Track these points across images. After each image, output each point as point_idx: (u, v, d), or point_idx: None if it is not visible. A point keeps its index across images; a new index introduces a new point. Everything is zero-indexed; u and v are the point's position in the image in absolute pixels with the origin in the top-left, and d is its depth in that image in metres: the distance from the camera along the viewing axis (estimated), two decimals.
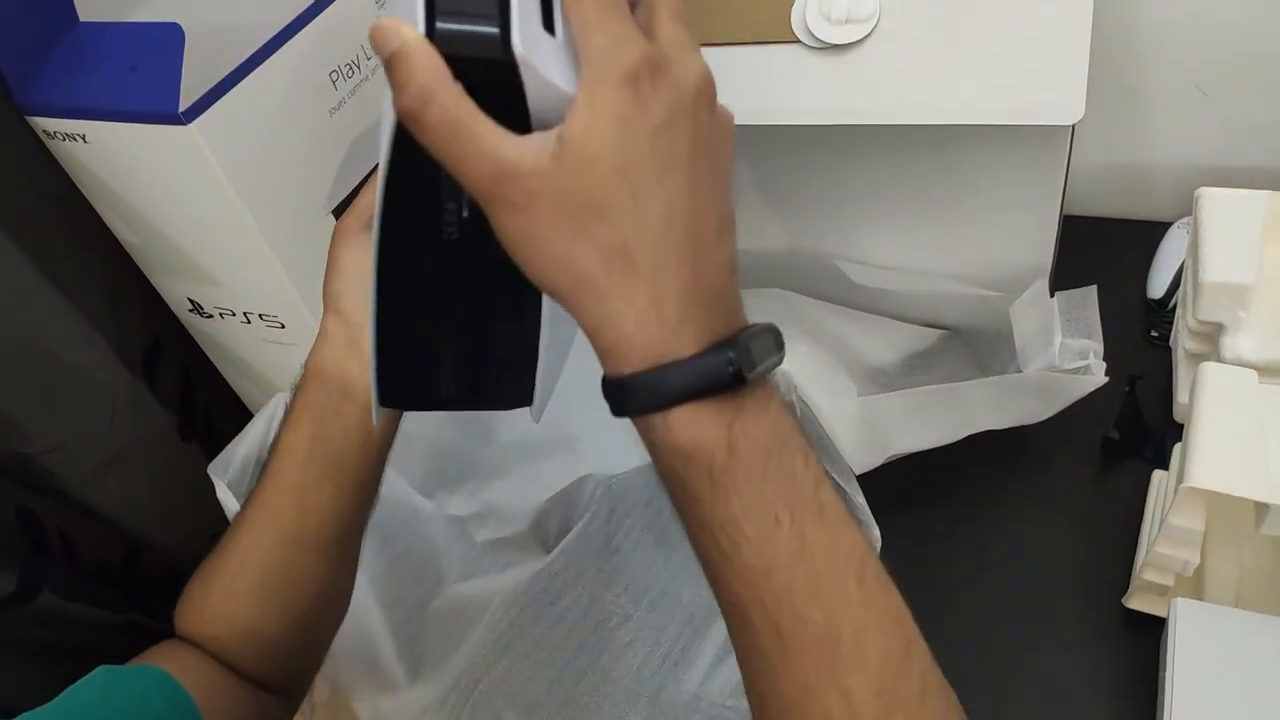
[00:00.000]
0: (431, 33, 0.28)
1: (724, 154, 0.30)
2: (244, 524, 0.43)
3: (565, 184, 0.28)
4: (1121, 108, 0.70)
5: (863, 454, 0.56)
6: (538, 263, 0.29)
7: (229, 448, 0.58)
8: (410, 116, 0.28)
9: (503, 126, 0.28)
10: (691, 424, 0.29)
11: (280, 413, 0.59)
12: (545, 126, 0.29)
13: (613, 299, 0.28)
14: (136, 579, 0.67)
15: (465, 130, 0.28)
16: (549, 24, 0.29)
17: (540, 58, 0.28)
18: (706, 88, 0.29)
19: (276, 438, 0.43)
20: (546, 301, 0.37)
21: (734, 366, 0.28)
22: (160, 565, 0.68)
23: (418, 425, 0.64)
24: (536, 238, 0.28)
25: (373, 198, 0.38)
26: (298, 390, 0.43)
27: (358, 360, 0.40)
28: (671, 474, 0.31)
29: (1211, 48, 0.66)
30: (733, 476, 0.29)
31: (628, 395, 0.29)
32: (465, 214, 0.35)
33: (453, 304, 0.38)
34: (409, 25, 0.27)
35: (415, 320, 0.37)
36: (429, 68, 0.27)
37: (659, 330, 0.29)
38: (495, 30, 0.28)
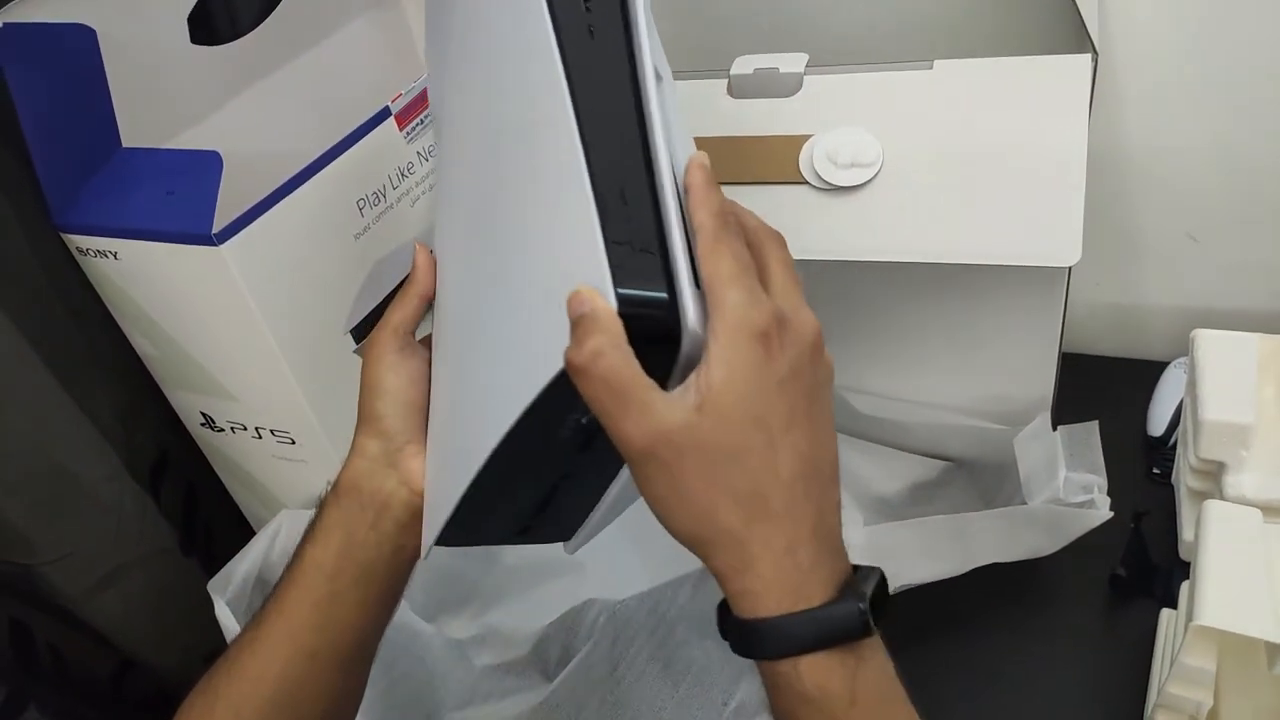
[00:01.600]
0: (630, 293, 0.30)
1: (830, 397, 0.33)
2: (256, 641, 0.42)
3: (708, 437, 0.29)
4: (1115, 252, 0.73)
5: None
6: (680, 514, 0.30)
7: (230, 565, 0.58)
8: (579, 369, 0.29)
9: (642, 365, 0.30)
10: (820, 671, 0.30)
11: (284, 530, 0.59)
12: (682, 366, 0.31)
13: (752, 545, 0.30)
14: (123, 698, 0.65)
15: (630, 392, 0.29)
16: (696, 277, 0.31)
17: (694, 315, 0.30)
18: (818, 339, 0.32)
19: (299, 554, 0.43)
20: (624, 472, 0.37)
21: (865, 616, 0.30)
22: (147, 685, 0.66)
23: None
24: (682, 491, 0.30)
25: (403, 315, 0.41)
26: (325, 506, 0.43)
27: (395, 476, 0.41)
28: (790, 716, 0.32)
29: (1200, 196, 0.69)
30: None
31: (762, 639, 0.31)
32: (584, 420, 0.35)
33: (542, 472, 0.39)
34: (602, 297, 0.30)
35: (502, 481, 0.38)
36: (610, 331, 0.29)
37: (794, 575, 0.30)
38: (665, 296, 0.30)
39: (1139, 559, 0.60)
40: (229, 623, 0.54)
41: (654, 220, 0.31)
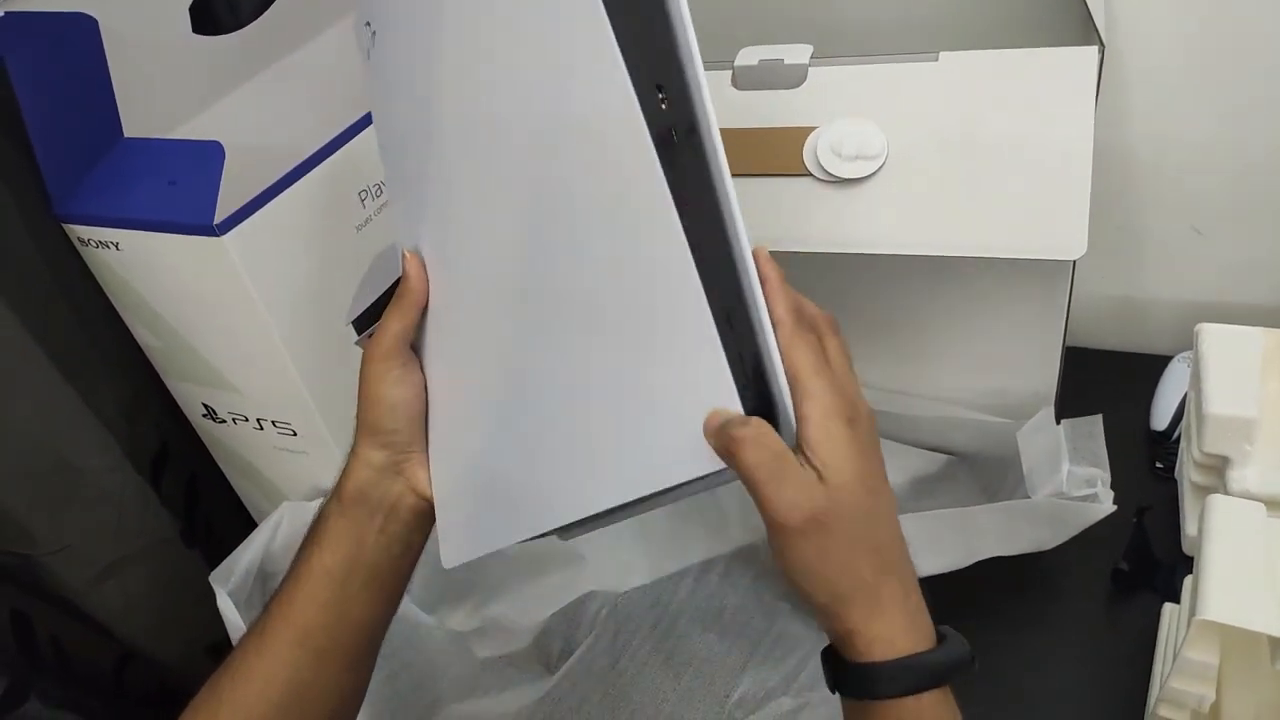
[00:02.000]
0: (744, 398, 0.34)
1: None
2: (263, 645, 0.42)
3: (838, 506, 0.33)
4: (1119, 246, 0.72)
5: None
6: (824, 577, 0.34)
7: (232, 556, 0.58)
8: (744, 453, 0.33)
9: None
10: (940, 704, 0.34)
11: (286, 522, 0.59)
12: None
13: (882, 594, 0.34)
14: (124, 689, 0.65)
15: (788, 471, 0.33)
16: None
17: (792, 414, 0.35)
18: (871, 411, 0.37)
19: (304, 560, 0.43)
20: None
21: (973, 655, 0.35)
22: (149, 676, 0.66)
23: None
24: (827, 556, 0.34)
25: (403, 327, 0.42)
26: (329, 513, 0.43)
27: (402, 482, 0.43)
28: None
29: (1205, 190, 0.68)
30: None
31: (893, 678, 0.34)
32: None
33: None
34: (767, 429, 0.33)
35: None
36: (762, 426, 0.33)
37: (915, 618, 0.35)
38: (775, 408, 0.35)
39: (1141, 553, 0.60)
40: (231, 614, 0.54)
41: (754, 339, 0.35)
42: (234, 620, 0.54)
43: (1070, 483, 0.56)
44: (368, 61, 0.44)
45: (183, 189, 0.51)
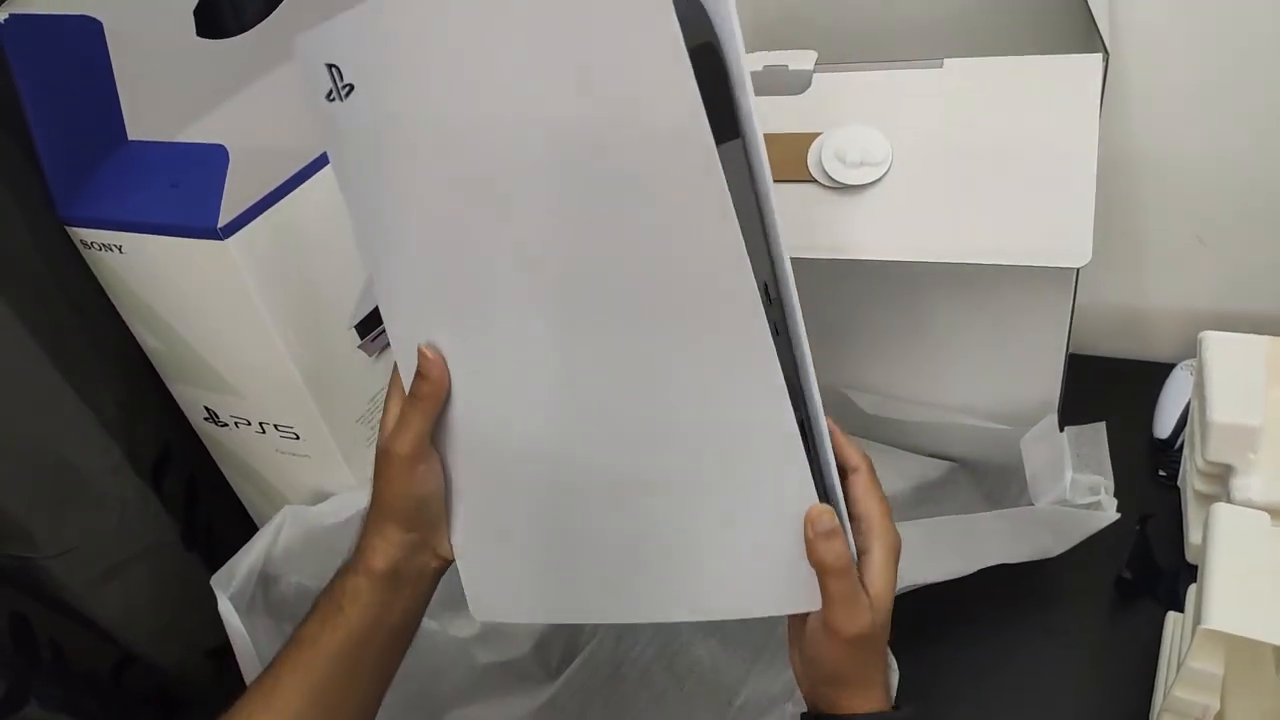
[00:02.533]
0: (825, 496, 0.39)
1: None
2: (273, 699, 0.42)
3: (878, 629, 0.40)
4: (1123, 253, 0.72)
5: None
6: (836, 674, 0.40)
7: (233, 560, 0.58)
8: (823, 555, 0.38)
9: None
10: None
11: (287, 526, 0.59)
12: None
13: (873, 680, 0.41)
14: (124, 692, 0.65)
15: (857, 599, 0.39)
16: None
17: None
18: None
19: (323, 622, 0.43)
20: None
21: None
22: (148, 679, 0.66)
23: None
24: (850, 660, 0.40)
25: (426, 423, 0.42)
26: (356, 587, 0.44)
27: (429, 551, 0.45)
28: None
29: (1208, 198, 0.68)
30: None
31: None
32: None
33: None
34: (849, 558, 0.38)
35: None
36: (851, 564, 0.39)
37: (886, 682, 0.42)
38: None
39: (1144, 561, 0.60)
40: (232, 619, 0.54)
41: (820, 471, 0.39)
42: (235, 624, 0.54)
43: (1074, 490, 0.56)
44: (327, 107, 0.39)
45: (186, 192, 0.51)
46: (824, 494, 0.38)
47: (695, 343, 0.36)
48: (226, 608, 0.54)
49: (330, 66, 0.38)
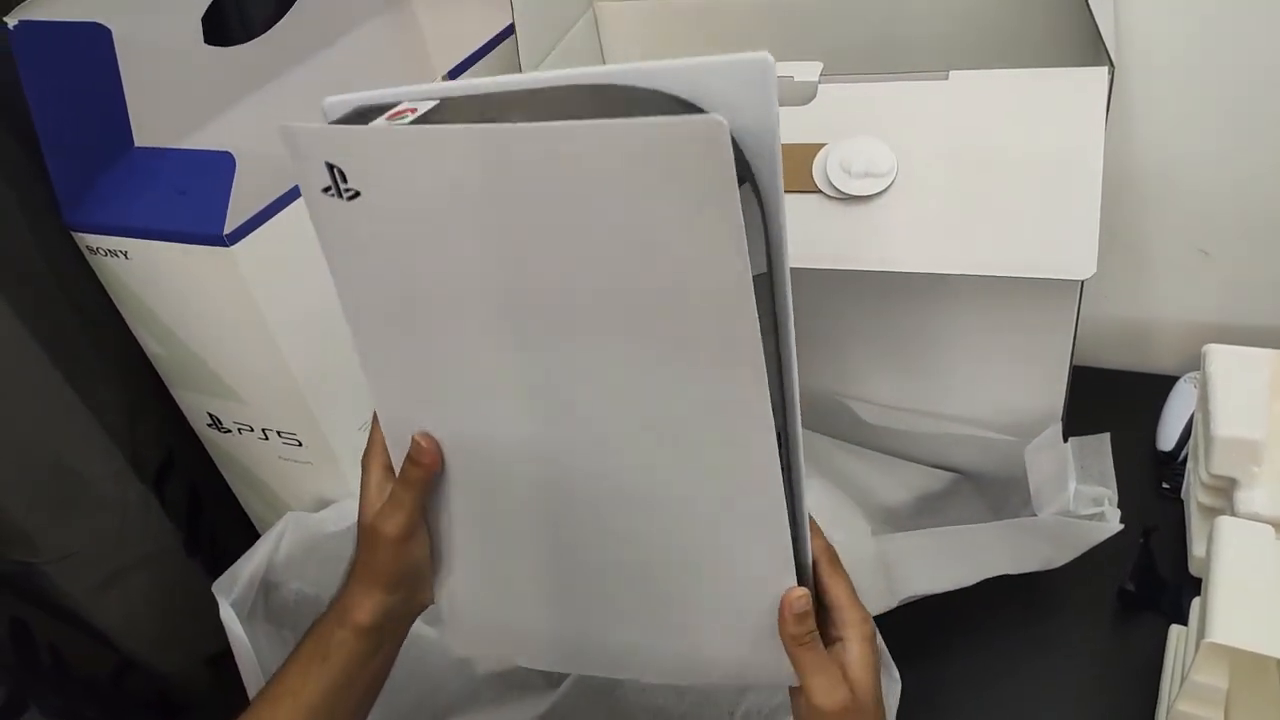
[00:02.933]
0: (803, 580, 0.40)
1: None
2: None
3: (860, 701, 0.41)
4: (1126, 266, 0.72)
5: (879, 595, 0.55)
6: None
7: (235, 567, 0.58)
8: (796, 632, 0.40)
9: None
10: None
11: (289, 533, 0.59)
12: None
13: None
14: (124, 699, 0.65)
15: (826, 656, 0.41)
16: None
17: None
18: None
19: (303, 669, 0.44)
20: None
21: None
22: (148, 686, 0.66)
23: None
24: None
25: (417, 510, 0.43)
26: (340, 638, 0.44)
27: (416, 603, 0.46)
28: None
29: (1212, 211, 0.68)
30: None
31: None
32: None
33: None
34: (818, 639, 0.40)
35: None
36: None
37: None
38: None
39: (1147, 574, 0.60)
40: (234, 625, 0.54)
41: (802, 553, 0.40)
42: (236, 631, 0.54)
43: (1077, 501, 0.56)
44: (323, 198, 0.37)
45: (193, 198, 0.51)
46: (800, 573, 0.40)
47: (703, 460, 0.38)
48: (228, 614, 0.54)
49: (332, 166, 0.36)
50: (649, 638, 0.44)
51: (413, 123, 0.35)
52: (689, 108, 0.32)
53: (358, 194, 0.36)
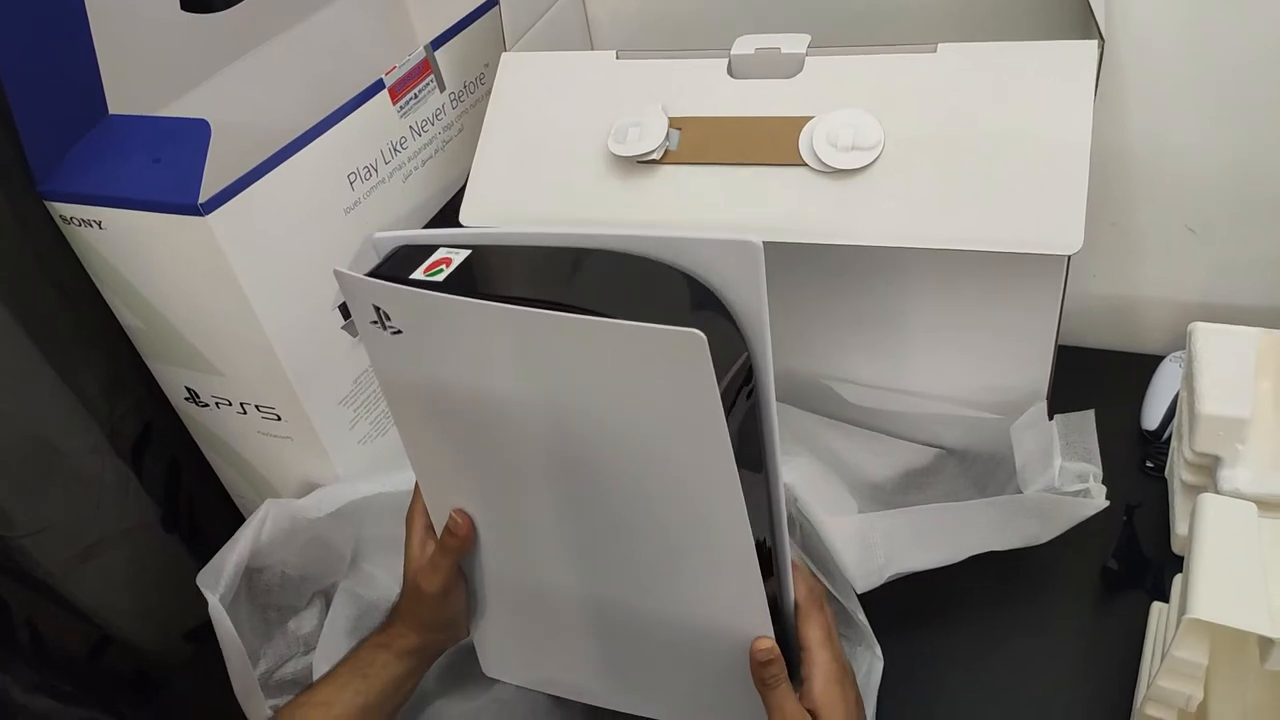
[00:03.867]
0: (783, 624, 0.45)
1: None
2: None
3: None
4: (1113, 244, 0.72)
5: (864, 572, 0.55)
6: None
7: (218, 557, 0.56)
8: (763, 675, 0.43)
9: None
10: None
11: (270, 519, 0.58)
12: None
13: None
14: (101, 673, 0.64)
15: (789, 698, 0.44)
16: None
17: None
18: (851, 668, 0.47)
19: (325, 700, 0.49)
20: None
21: None
22: (126, 660, 0.65)
23: None
24: None
25: (455, 571, 0.50)
26: (384, 660, 0.50)
27: (448, 637, 0.53)
28: None
29: (1200, 189, 0.68)
30: None
31: None
32: None
33: None
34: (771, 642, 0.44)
35: None
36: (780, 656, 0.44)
37: None
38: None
39: (1131, 552, 0.60)
40: (222, 620, 0.53)
41: (784, 601, 0.46)
42: (225, 625, 0.53)
43: (1062, 478, 0.56)
44: (372, 329, 0.42)
45: (167, 167, 0.50)
46: (781, 618, 0.45)
47: (690, 568, 0.44)
48: (217, 609, 0.54)
49: (378, 308, 0.41)
50: (648, 682, 0.50)
51: (448, 276, 0.41)
52: (692, 284, 0.39)
53: (400, 331, 0.41)
